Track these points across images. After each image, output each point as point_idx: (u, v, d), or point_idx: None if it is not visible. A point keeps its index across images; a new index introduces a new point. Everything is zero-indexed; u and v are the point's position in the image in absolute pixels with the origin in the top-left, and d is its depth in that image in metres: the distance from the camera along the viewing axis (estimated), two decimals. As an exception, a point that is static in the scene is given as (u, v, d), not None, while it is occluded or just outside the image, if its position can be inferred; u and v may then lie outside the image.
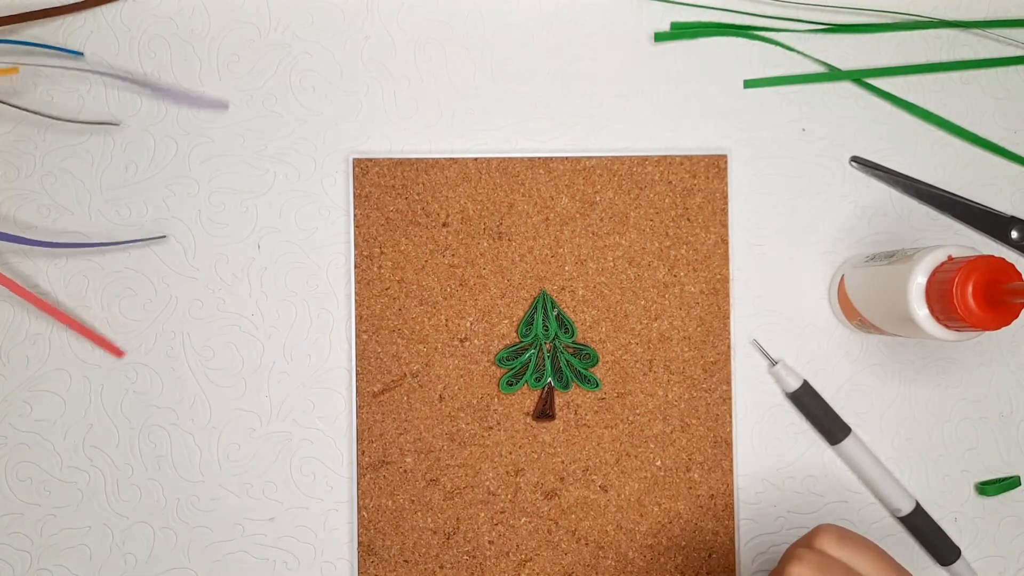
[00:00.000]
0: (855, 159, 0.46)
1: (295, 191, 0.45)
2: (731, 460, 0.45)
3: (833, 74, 0.46)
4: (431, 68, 0.46)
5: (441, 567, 0.45)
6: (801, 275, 0.46)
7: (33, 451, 0.45)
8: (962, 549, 0.45)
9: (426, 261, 0.45)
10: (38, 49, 0.45)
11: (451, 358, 0.45)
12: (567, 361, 0.45)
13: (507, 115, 0.46)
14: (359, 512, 0.45)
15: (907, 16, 0.46)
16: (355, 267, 0.45)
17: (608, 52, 0.46)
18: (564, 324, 0.45)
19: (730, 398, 0.45)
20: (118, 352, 0.44)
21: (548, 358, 0.45)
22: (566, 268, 0.45)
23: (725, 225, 0.45)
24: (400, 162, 0.45)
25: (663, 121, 0.46)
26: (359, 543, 0.45)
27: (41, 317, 0.45)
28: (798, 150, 0.46)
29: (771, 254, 0.46)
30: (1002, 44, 0.47)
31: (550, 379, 0.45)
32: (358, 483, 0.45)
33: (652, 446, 0.45)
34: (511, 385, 0.45)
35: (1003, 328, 0.37)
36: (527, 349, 0.45)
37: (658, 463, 0.45)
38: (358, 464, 0.45)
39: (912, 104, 0.46)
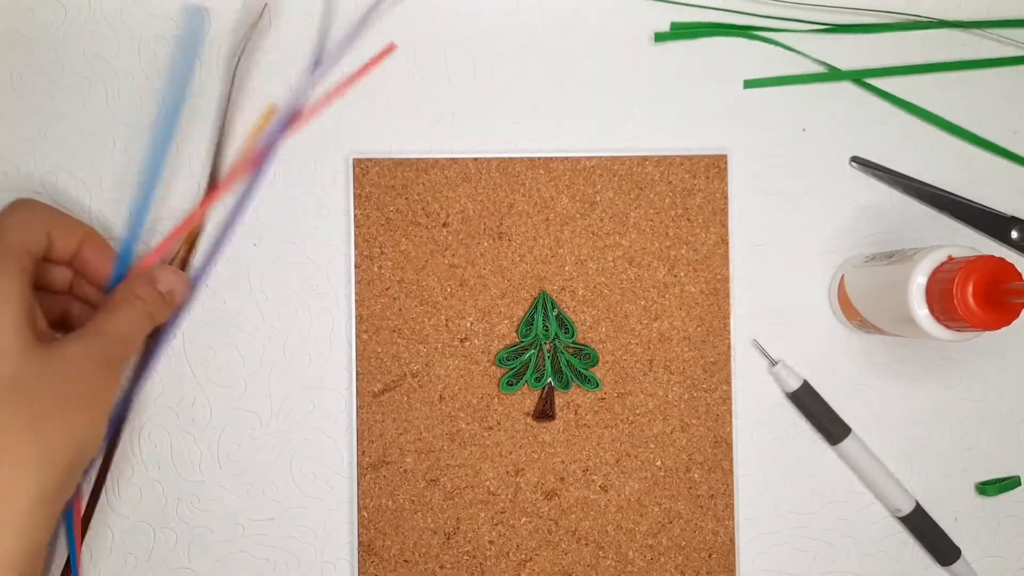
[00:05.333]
0: (855, 159, 0.46)
1: (295, 191, 0.45)
2: (731, 460, 0.45)
3: (833, 74, 0.46)
4: (431, 68, 0.46)
5: (441, 567, 0.45)
6: (801, 275, 0.46)
7: (33, 451, 0.45)
8: (962, 549, 0.45)
9: (426, 261, 0.45)
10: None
11: (451, 358, 0.45)
12: (567, 361, 0.45)
13: (507, 115, 0.46)
14: (359, 512, 0.45)
15: (907, 16, 0.46)
16: (355, 267, 0.45)
17: (608, 52, 0.46)
18: (564, 324, 0.45)
19: (730, 398, 0.45)
20: None
21: (548, 358, 0.45)
22: (566, 268, 0.45)
23: (725, 225, 0.46)
24: (400, 162, 0.45)
25: (663, 121, 0.46)
26: (359, 543, 0.45)
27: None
28: (798, 150, 0.46)
29: (771, 254, 0.46)
30: (1002, 44, 0.47)
31: (550, 379, 0.45)
32: (358, 483, 0.45)
33: (652, 446, 0.45)
34: (511, 385, 0.45)
35: (1003, 328, 0.37)
36: (527, 349, 0.45)
37: (658, 463, 0.45)
38: (358, 464, 0.45)
39: (912, 104, 0.46)
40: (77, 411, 0.35)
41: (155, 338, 0.44)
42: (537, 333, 0.45)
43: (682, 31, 0.46)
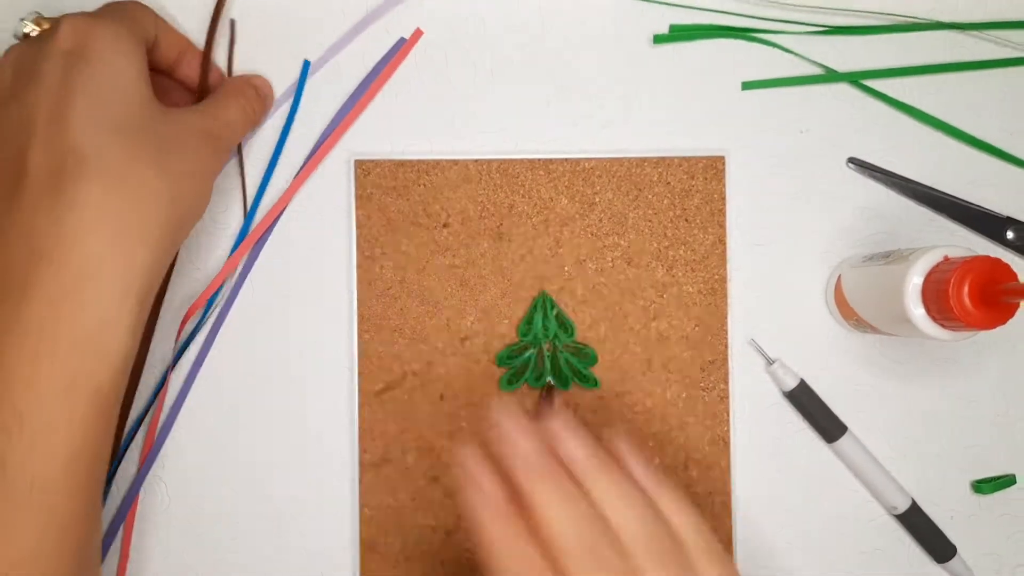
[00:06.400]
0: (852, 160, 0.47)
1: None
2: (728, 458, 0.46)
3: (831, 76, 0.46)
4: (431, 69, 0.46)
5: (442, 563, 0.45)
6: (798, 275, 0.46)
7: (38, 449, 0.45)
8: (958, 547, 0.46)
9: (427, 261, 0.45)
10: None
11: (452, 357, 0.45)
12: (567, 360, 0.45)
13: (507, 117, 0.46)
14: (360, 510, 0.45)
15: (904, 18, 0.47)
16: (356, 267, 0.45)
17: (607, 54, 0.46)
18: (564, 324, 0.45)
19: (728, 397, 0.46)
20: None
21: (548, 357, 0.45)
22: (566, 268, 0.46)
23: (723, 226, 0.46)
24: (401, 163, 0.45)
25: (662, 123, 0.46)
26: (360, 541, 0.45)
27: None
28: (796, 151, 0.46)
29: (769, 254, 0.46)
30: (999, 46, 0.47)
31: (550, 378, 0.45)
32: (359, 481, 0.45)
33: (651, 445, 0.46)
34: (511, 384, 0.45)
35: (998, 327, 0.38)
36: (527, 349, 0.45)
37: (656, 462, 0.46)
38: (359, 462, 0.45)
39: (909, 106, 0.47)
40: (191, 161, 0.37)
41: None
42: (537, 333, 0.45)
43: (681, 33, 0.46)
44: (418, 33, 0.46)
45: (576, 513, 0.31)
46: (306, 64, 0.45)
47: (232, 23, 0.45)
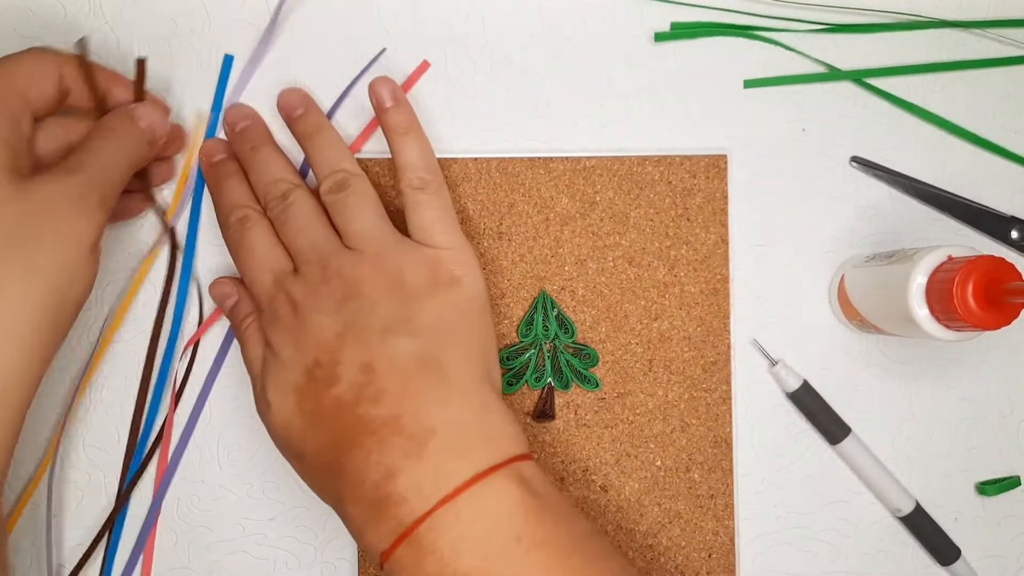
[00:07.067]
0: (855, 159, 0.46)
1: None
2: (731, 460, 0.45)
3: (833, 74, 0.46)
4: (431, 68, 0.46)
5: (441, 567, 0.45)
6: (801, 275, 0.46)
7: (33, 451, 0.45)
8: (962, 549, 0.46)
9: (426, 261, 0.45)
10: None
11: (451, 358, 0.45)
12: (567, 361, 0.45)
13: (507, 115, 0.46)
14: (359, 512, 0.45)
15: (907, 16, 0.46)
16: (355, 267, 0.45)
17: (608, 52, 0.46)
18: (564, 324, 0.45)
19: (730, 398, 0.45)
20: None
21: (548, 358, 0.45)
22: (566, 268, 0.45)
23: (725, 225, 0.46)
24: (400, 162, 0.45)
25: (663, 121, 0.46)
26: (359, 543, 0.45)
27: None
28: (798, 150, 0.46)
29: (771, 254, 0.46)
30: (1002, 44, 0.47)
31: (550, 379, 0.45)
32: (358, 483, 0.45)
33: (652, 446, 0.45)
34: (511, 385, 0.45)
35: (1003, 328, 0.37)
36: (527, 349, 0.45)
37: (658, 463, 0.45)
38: (358, 464, 0.45)
39: (912, 104, 0.46)
40: (57, 233, 0.35)
41: (146, 189, 0.43)
42: (537, 333, 0.45)
43: (682, 31, 0.46)
44: (424, 65, 0.45)
45: (274, 168, 0.42)
46: (227, 59, 0.44)
47: (141, 62, 0.42)
